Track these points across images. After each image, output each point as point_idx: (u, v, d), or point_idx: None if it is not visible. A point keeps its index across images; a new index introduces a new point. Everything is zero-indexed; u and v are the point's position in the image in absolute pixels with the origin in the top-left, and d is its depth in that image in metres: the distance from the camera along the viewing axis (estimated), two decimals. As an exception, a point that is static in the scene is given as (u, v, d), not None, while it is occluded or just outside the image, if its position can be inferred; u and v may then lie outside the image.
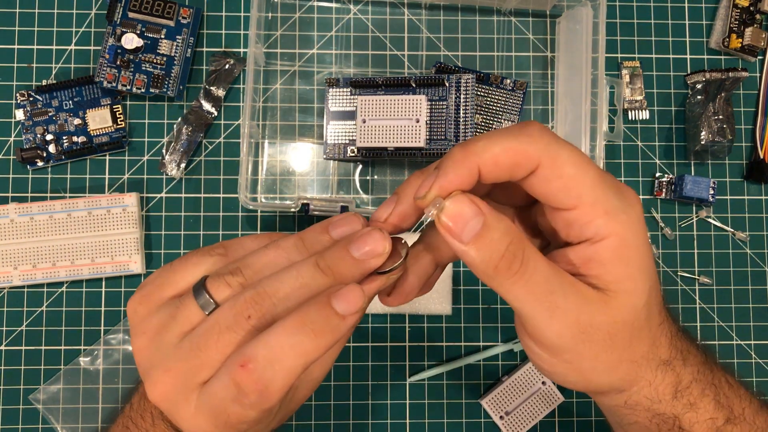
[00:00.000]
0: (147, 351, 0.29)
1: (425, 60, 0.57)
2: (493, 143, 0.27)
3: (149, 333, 0.30)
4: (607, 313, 0.28)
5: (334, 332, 0.28)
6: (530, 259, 0.27)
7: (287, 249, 0.30)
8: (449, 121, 0.52)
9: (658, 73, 0.58)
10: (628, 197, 0.28)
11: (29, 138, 0.54)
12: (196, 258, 0.31)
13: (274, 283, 0.28)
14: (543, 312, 0.27)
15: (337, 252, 0.29)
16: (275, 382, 0.27)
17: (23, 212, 0.52)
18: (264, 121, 0.56)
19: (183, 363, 0.28)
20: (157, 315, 0.30)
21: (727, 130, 0.55)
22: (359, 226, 0.30)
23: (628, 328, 0.28)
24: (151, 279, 0.32)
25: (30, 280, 0.53)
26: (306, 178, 0.56)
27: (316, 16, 0.56)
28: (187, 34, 0.55)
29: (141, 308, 0.31)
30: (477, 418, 0.54)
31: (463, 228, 0.27)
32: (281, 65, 0.56)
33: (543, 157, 0.27)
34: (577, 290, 0.28)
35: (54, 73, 0.55)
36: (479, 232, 0.26)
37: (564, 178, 0.27)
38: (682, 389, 0.31)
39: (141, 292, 0.31)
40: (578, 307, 0.27)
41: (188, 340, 0.28)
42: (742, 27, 0.57)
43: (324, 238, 0.30)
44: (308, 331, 0.27)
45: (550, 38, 0.57)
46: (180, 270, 0.31)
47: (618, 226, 0.27)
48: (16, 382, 0.53)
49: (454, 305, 0.54)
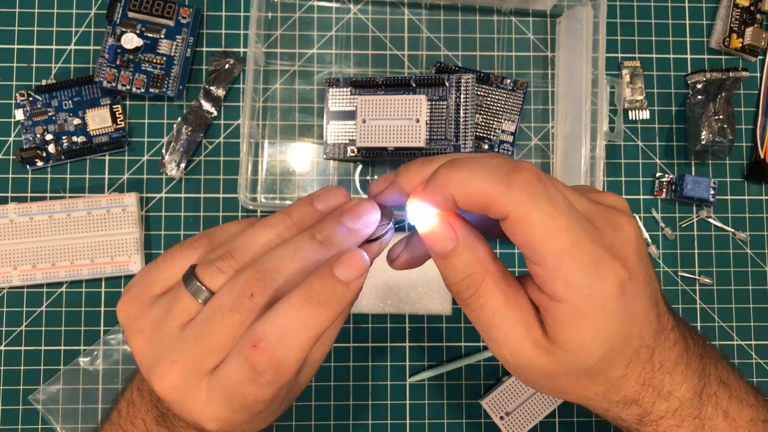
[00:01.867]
0: (148, 348, 0.29)
1: (425, 60, 0.56)
2: (471, 180, 0.27)
3: (146, 330, 0.29)
4: (549, 361, 0.28)
5: (341, 301, 0.28)
6: (483, 294, 0.29)
7: (276, 226, 0.30)
8: (449, 121, 0.52)
9: (658, 72, 0.57)
10: (601, 270, 0.27)
11: (29, 138, 0.54)
12: (180, 251, 0.31)
13: (274, 259, 0.28)
14: (485, 336, 0.30)
15: (332, 223, 0.30)
16: (289, 357, 0.27)
17: (23, 212, 0.52)
18: (264, 121, 0.56)
19: (189, 352, 0.28)
20: (151, 312, 0.30)
21: (727, 130, 0.55)
22: (344, 198, 0.31)
23: (573, 376, 0.29)
24: (136, 279, 0.31)
25: (30, 280, 0.52)
26: (306, 178, 0.56)
27: (316, 16, 0.56)
28: (186, 34, 0.55)
29: (132, 309, 0.30)
30: (477, 419, 0.54)
31: (435, 244, 0.29)
32: (281, 65, 0.56)
33: (512, 212, 0.26)
34: (526, 333, 0.28)
35: (54, 73, 0.55)
36: (447, 253, 0.29)
37: (529, 238, 0.27)
38: (650, 419, 0.31)
39: (129, 294, 0.31)
40: (520, 348, 0.29)
41: (191, 329, 0.28)
42: (743, 27, 0.57)
43: (311, 210, 0.31)
44: (315, 303, 0.27)
45: (551, 38, 0.57)
46: (165, 265, 0.31)
47: (576, 298, 0.27)
48: (16, 382, 0.53)
49: (454, 305, 0.54)
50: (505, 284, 0.29)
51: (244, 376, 0.27)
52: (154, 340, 0.29)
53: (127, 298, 0.31)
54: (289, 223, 0.30)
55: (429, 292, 0.53)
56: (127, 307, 0.30)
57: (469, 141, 0.52)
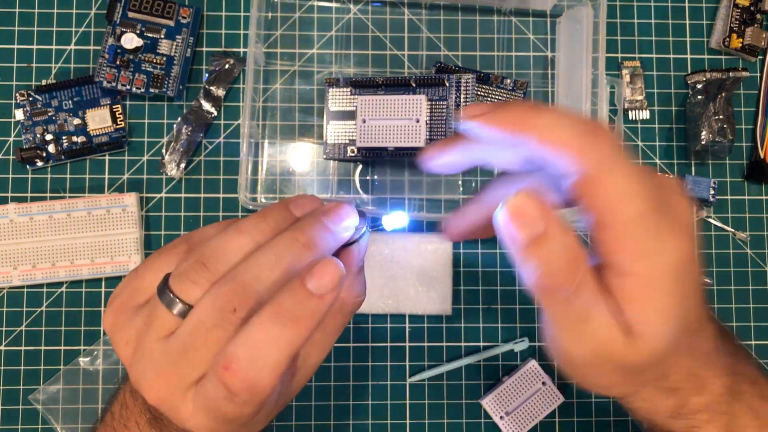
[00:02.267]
0: (134, 359, 0.29)
1: (425, 60, 0.56)
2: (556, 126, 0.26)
3: (131, 342, 0.29)
4: (625, 356, 0.27)
5: (314, 315, 0.27)
6: (586, 282, 0.26)
7: (249, 231, 0.29)
8: (449, 121, 0.52)
9: (658, 72, 0.57)
10: (668, 241, 0.26)
11: (29, 138, 0.54)
12: (162, 258, 0.30)
13: (253, 269, 0.27)
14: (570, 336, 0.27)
15: (315, 223, 0.29)
16: (262, 379, 0.26)
17: (23, 212, 0.52)
18: (264, 121, 0.56)
19: (173, 366, 0.28)
20: (133, 323, 0.29)
21: (727, 130, 0.55)
22: (318, 205, 0.31)
23: (639, 369, 0.28)
24: (120, 289, 0.31)
25: (29, 280, 0.52)
26: (306, 178, 0.56)
27: (316, 16, 0.56)
28: (186, 34, 0.55)
29: (118, 320, 0.30)
30: (477, 419, 0.54)
31: (522, 227, 0.25)
32: (281, 65, 0.56)
33: (592, 169, 0.25)
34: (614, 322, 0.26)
35: (53, 73, 0.55)
36: (538, 237, 0.25)
37: (602, 200, 0.25)
38: (685, 413, 0.30)
39: (113, 305, 0.31)
40: (608, 341, 0.26)
41: (174, 343, 0.28)
42: (743, 27, 0.57)
43: (286, 215, 0.30)
44: (285, 321, 0.26)
45: (551, 38, 0.57)
46: (145, 274, 0.30)
47: (644, 268, 0.26)
48: (16, 382, 0.53)
49: (454, 305, 0.54)
50: (595, 272, 0.27)
51: (221, 395, 0.27)
52: (140, 352, 0.29)
53: (112, 309, 0.30)
54: (263, 228, 0.29)
55: (429, 292, 0.53)
56: (113, 318, 0.30)
57: (469, 141, 0.52)
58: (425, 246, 0.54)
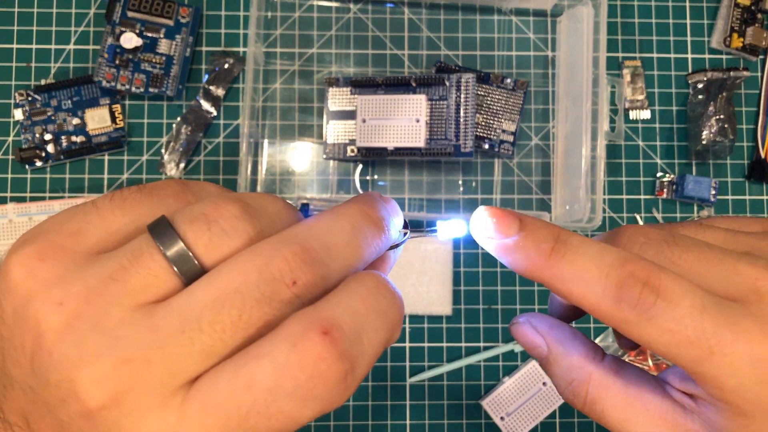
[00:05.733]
0: (72, 332, 0.18)
1: (425, 59, 0.56)
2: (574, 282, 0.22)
3: (72, 305, 0.18)
4: None
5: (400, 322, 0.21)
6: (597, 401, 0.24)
7: None
8: (449, 121, 0.52)
9: (659, 72, 0.57)
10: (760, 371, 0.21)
11: (28, 138, 0.54)
12: (138, 195, 0.21)
13: (322, 234, 0.20)
14: None
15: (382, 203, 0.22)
16: (362, 362, 0.19)
17: (22, 212, 0.52)
18: (264, 121, 0.55)
19: (160, 350, 0.18)
20: (83, 277, 0.18)
21: (728, 130, 0.55)
22: None
23: None
24: (51, 224, 0.20)
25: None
26: (306, 178, 0.55)
27: (315, 16, 0.56)
28: (186, 34, 0.54)
29: (45, 267, 0.19)
30: (477, 419, 0.54)
31: (530, 352, 0.26)
32: (281, 65, 0.56)
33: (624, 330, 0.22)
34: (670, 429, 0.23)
35: (53, 73, 0.55)
36: (542, 361, 0.26)
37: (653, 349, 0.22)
38: None
39: (38, 242, 0.19)
40: None
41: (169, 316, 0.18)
42: (744, 26, 0.57)
43: None
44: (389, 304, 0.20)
45: (551, 37, 0.57)
46: (111, 210, 0.20)
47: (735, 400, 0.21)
48: (15, 382, 0.53)
49: (455, 306, 0.54)
50: (622, 384, 0.24)
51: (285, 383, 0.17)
52: (87, 321, 0.18)
53: (35, 249, 0.19)
54: None
55: (429, 293, 0.53)
56: (35, 262, 0.19)
57: (469, 141, 0.52)
58: (425, 246, 0.53)
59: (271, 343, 0.18)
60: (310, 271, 0.19)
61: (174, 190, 0.21)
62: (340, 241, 0.20)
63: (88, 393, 0.18)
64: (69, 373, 0.18)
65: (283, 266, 0.18)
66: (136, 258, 0.19)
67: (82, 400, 0.18)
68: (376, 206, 0.22)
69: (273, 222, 0.20)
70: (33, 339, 0.18)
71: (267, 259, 0.18)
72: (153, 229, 0.19)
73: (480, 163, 0.56)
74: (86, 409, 0.18)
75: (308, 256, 0.19)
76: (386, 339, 0.20)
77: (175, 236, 0.19)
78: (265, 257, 0.18)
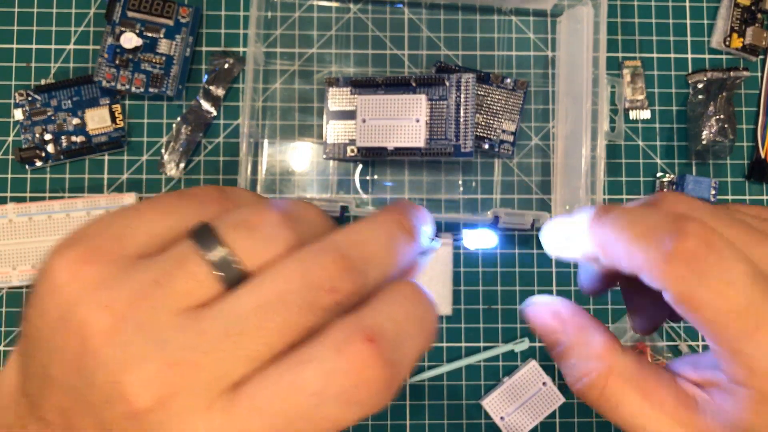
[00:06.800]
0: (120, 335, 0.18)
1: (425, 59, 0.56)
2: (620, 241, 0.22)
3: (118, 308, 0.18)
4: None
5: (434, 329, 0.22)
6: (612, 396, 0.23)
7: None
8: (449, 121, 0.52)
9: (659, 72, 0.57)
10: None
11: (28, 138, 0.54)
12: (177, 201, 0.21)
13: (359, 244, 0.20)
14: None
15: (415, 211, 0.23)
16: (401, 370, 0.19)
17: (22, 212, 0.52)
18: (264, 121, 0.55)
19: (205, 354, 0.18)
20: (127, 281, 0.19)
21: (728, 130, 0.55)
22: None
23: None
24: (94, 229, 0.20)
25: (29, 280, 0.52)
26: (306, 178, 0.55)
27: (315, 16, 0.56)
28: (186, 34, 0.54)
29: (91, 271, 0.19)
30: (477, 419, 0.54)
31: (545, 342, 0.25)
32: (281, 65, 0.56)
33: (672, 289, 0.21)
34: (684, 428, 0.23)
35: (53, 73, 0.55)
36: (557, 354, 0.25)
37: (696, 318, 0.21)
38: None
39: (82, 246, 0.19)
40: None
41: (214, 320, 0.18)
42: (744, 26, 0.57)
43: None
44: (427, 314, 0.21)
45: (551, 37, 0.57)
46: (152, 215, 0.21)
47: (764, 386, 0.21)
48: (15, 382, 0.53)
49: (455, 305, 0.54)
50: (641, 378, 0.24)
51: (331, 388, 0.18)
52: (134, 324, 0.18)
53: (79, 253, 0.19)
54: None
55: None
56: (80, 266, 0.19)
57: (469, 141, 0.52)
58: (425, 246, 0.53)
59: (316, 349, 0.18)
60: (349, 279, 0.19)
61: (212, 195, 0.21)
62: (376, 250, 0.20)
63: (136, 394, 0.18)
64: (116, 375, 0.18)
65: (323, 274, 0.19)
66: (180, 263, 0.19)
67: (129, 401, 0.18)
68: (408, 215, 0.22)
69: (310, 229, 0.21)
70: (78, 340, 0.18)
71: (308, 267, 0.19)
72: (196, 234, 0.19)
73: (480, 163, 0.56)
74: (132, 410, 0.18)
75: (347, 264, 0.19)
76: (424, 346, 0.20)
77: (219, 242, 0.19)
78: (307, 265, 0.19)
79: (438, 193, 0.56)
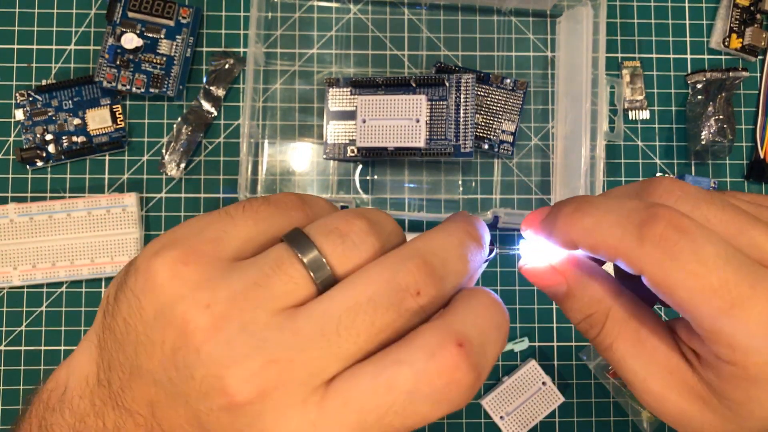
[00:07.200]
0: (220, 334, 0.19)
1: (425, 60, 0.56)
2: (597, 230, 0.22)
3: (219, 308, 0.19)
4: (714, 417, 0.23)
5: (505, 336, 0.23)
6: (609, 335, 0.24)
7: None
8: (449, 121, 0.52)
9: (658, 72, 0.57)
10: None
11: (29, 138, 0.54)
12: (267, 208, 0.22)
13: (438, 250, 0.21)
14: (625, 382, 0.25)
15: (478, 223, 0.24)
16: (483, 374, 0.20)
17: (23, 212, 0.52)
18: (264, 121, 0.56)
19: (301, 351, 0.19)
20: (227, 282, 0.20)
21: (727, 130, 0.55)
22: None
23: None
24: (190, 230, 0.21)
25: (29, 280, 0.52)
26: (306, 178, 0.56)
27: (316, 16, 0.56)
28: (186, 34, 0.55)
29: (189, 271, 0.20)
30: (477, 419, 0.54)
31: (547, 289, 0.26)
32: (281, 65, 0.56)
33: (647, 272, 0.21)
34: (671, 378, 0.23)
35: (53, 73, 0.55)
36: (561, 297, 0.26)
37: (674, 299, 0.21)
38: None
39: (181, 246, 0.20)
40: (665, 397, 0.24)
41: (310, 320, 0.20)
42: (743, 27, 0.57)
43: None
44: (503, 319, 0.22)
45: (551, 38, 0.57)
46: (245, 220, 0.22)
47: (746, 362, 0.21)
48: (16, 382, 0.53)
49: (455, 305, 0.54)
50: (637, 323, 0.24)
51: (423, 388, 0.19)
52: (235, 323, 0.19)
53: (179, 254, 0.20)
54: None
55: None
56: (180, 266, 0.20)
57: (469, 141, 0.52)
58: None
59: (409, 350, 0.20)
60: (432, 284, 0.21)
61: (295, 203, 0.23)
62: (452, 257, 0.22)
63: (237, 388, 0.19)
64: (217, 370, 0.19)
65: (408, 278, 0.20)
66: (278, 265, 0.20)
67: (230, 394, 0.19)
68: (475, 224, 0.24)
69: (390, 237, 0.22)
70: (177, 336, 0.19)
71: (395, 272, 0.20)
72: (291, 239, 0.21)
73: (480, 163, 0.56)
74: (232, 403, 0.19)
75: (429, 269, 0.21)
76: (501, 350, 0.22)
77: (313, 247, 0.21)
78: (393, 269, 0.20)
79: (438, 193, 0.56)
